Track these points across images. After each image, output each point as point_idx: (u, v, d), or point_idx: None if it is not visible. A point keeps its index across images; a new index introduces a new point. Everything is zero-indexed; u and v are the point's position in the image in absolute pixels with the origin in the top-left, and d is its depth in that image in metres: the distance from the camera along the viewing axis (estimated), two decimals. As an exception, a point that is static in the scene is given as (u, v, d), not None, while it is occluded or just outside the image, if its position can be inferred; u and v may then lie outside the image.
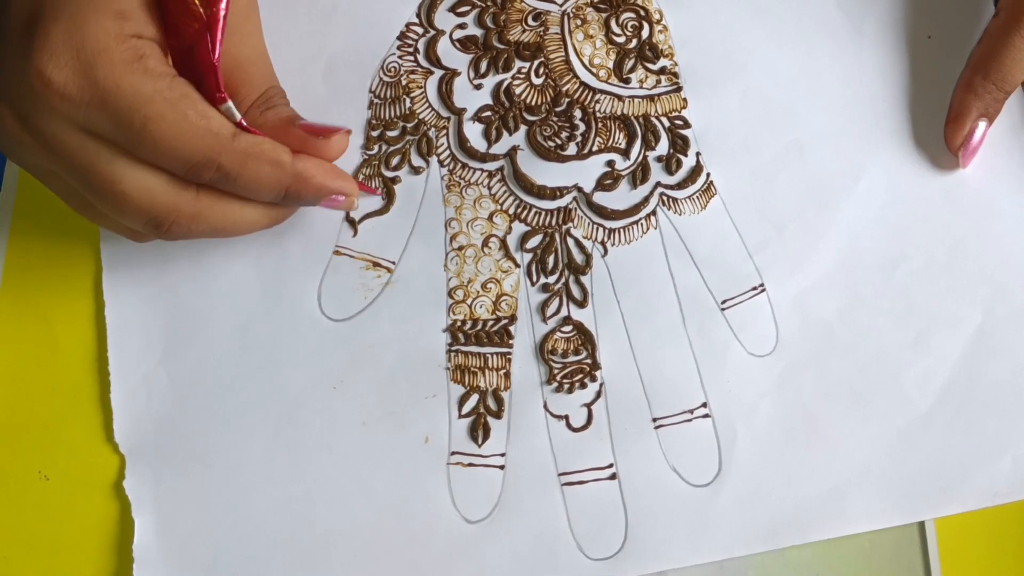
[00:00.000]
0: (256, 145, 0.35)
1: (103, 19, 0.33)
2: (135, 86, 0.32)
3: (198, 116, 0.33)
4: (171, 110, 0.33)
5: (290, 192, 0.36)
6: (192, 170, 0.34)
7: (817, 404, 0.40)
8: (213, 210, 0.36)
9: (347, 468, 0.39)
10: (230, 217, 0.36)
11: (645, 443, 0.39)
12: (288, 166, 0.36)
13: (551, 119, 0.42)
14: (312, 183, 0.37)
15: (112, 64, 0.32)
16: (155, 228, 0.35)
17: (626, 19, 0.43)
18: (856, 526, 0.39)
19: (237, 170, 0.34)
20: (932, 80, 0.43)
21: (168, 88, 0.33)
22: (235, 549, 0.38)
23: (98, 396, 0.40)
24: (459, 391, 0.40)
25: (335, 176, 0.37)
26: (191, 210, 0.35)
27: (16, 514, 0.39)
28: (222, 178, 0.34)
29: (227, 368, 0.40)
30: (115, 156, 0.33)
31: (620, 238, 0.41)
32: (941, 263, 0.42)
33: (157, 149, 0.33)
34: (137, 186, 0.34)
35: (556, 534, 0.39)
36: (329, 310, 0.40)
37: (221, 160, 0.34)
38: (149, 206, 0.34)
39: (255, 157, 0.35)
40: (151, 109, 0.33)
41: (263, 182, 0.35)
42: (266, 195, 0.36)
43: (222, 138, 0.34)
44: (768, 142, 0.42)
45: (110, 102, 0.32)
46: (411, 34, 0.43)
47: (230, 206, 0.36)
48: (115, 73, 0.32)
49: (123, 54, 0.33)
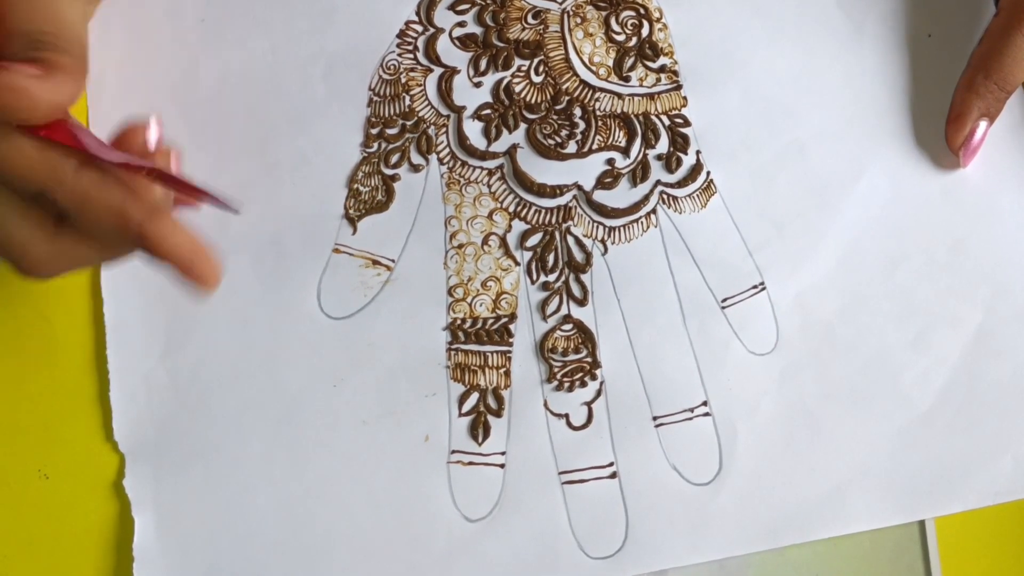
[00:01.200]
0: (97, 186, 0.32)
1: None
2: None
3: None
4: None
5: (138, 246, 0.32)
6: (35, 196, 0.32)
7: (817, 403, 0.40)
8: (72, 249, 0.33)
9: (347, 466, 0.39)
10: (85, 253, 0.33)
11: (645, 442, 0.39)
12: (135, 223, 0.32)
13: (551, 117, 0.42)
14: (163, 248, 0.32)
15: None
16: (16, 264, 0.33)
17: (626, 17, 0.43)
18: (856, 525, 0.39)
19: (78, 209, 0.32)
20: (933, 79, 0.43)
21: None
22: (235, 547, 0.38)
23: (98, 395, 0.40)
24: (459, 389, 0.40)
25: (190, 243, 0.33)
26: (47, 248, 0.33)
27: (16, 513, 0.39)
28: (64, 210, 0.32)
29: (227, 366, 0.40)
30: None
31: (620, 236, 0.41)
32: (942, 262, 0.42)
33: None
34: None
35: (556, 533, 0.39)
36: (329, 308, 0.40)
37: (60, 197, 0.31)
38: (3, 240, 0.32)
39: (93, 199, 0.32)
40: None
41: (103, 225, 0.32)
42: (108, 240, 0.33)
43: (58, 172, 0.31)
44: (768, 141, 0.42)
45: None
46: (411, 32, 0.43)
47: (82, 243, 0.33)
48: None
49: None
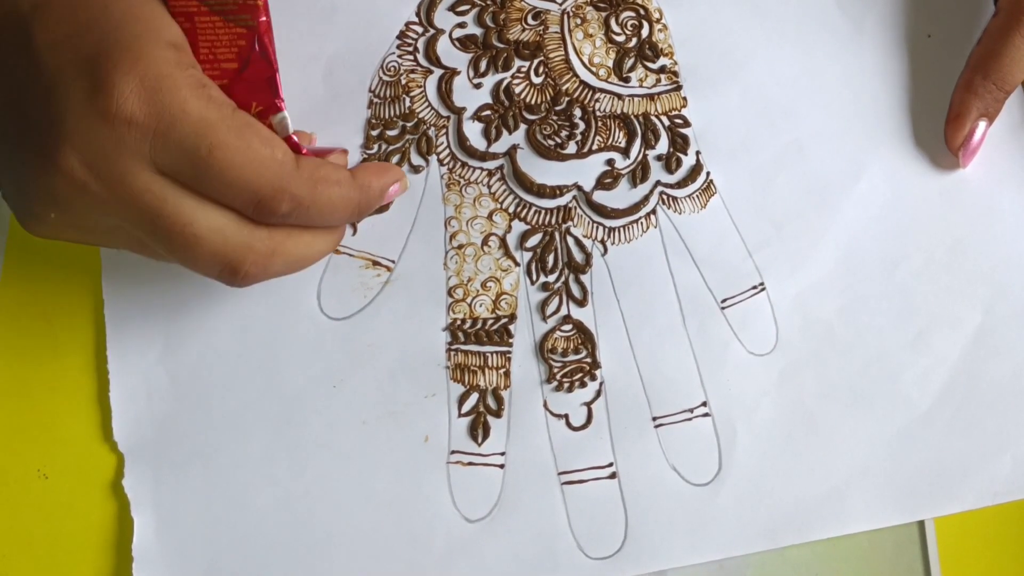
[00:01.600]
0: (319, 168, 0.34)
1: (159, 48, 0.32)
2: (201, 111, 0.32)
3: (263, 144, 0.32)
4: (236, 138, 0.32)
5: (360, 207, 0.36)
6: (262, 203, 0.33)
7: (817, 403, 0.40)
8: (286, 245, 0.35)
9: (347, 467, 0.39)
10: (303, 249, 0.35)
11: (645, 442, 0.39)
12: (351, 182, 0.35)
13: (551, 118, 0.42)
14: (375, 190, 0.36)
15: (177, 89, 0.32)
16: (231, 274, 0.34)
17: (626, 18, 0.43)
18: (856, 525, 0.39)
19: (311, 197, 0.33)
20: (932, 79, 0.43)
21: (232, 116, 0.32)
22: (235, 548, 0.38)
23: (97, 395, 0.40)
24: (459, 390, 0.40)
25: (384, 172, 0.37)
26: (265, 248, 0.34)
27: (15, 513, 0.39)
28: (297, 208, 0.33)
29: (227, 367, 0.40)
30: (184, 196, 0.32)
31: (620, 237, 0.41)
32: (941, 263, 0.42)
33: (224, 180, 0.32)
34: (209, 226, 0.33)
35: (556, 533, 0.39)
36: (329, 309, 0.40)
37: (292, 189, 0.33)
38: (223, 248, 0.33)
39: (323, 181, 0.34)
40: (216, 136, 0.32)
41: (336, 205, 0.35)
42: (340, 217, 0.36)
43: (288, 166, 0.33)
44: (768, 141, 0.42)
45: (177, 127, 0.31)
46: (411, 33, 0.43)
47: (302, 238, 0.35)
48: (180, 97, 0.31)
49: (186, 80, 0.32)
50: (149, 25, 0.33)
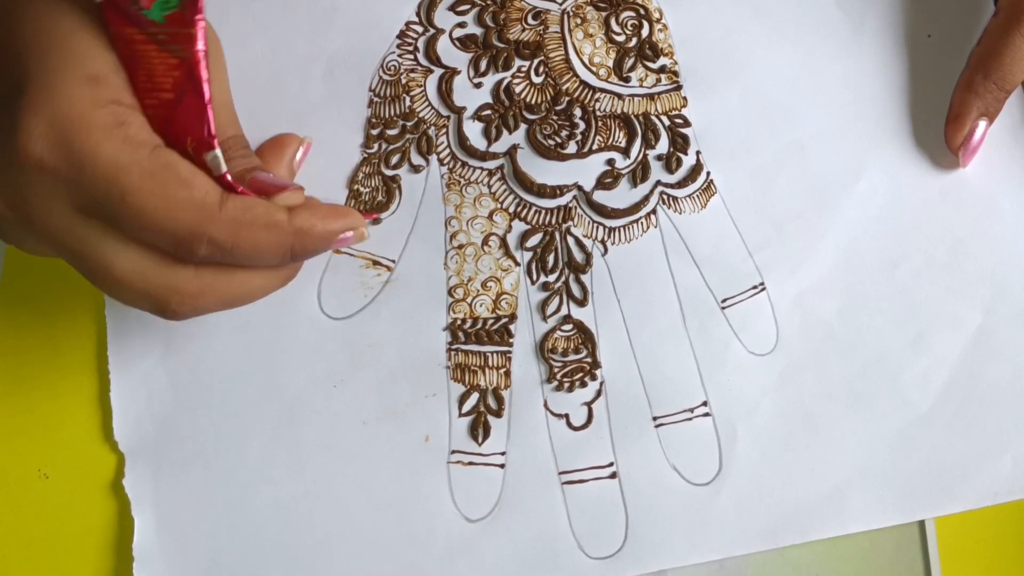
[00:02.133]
0: (247, 210, 0.32)
1: (75, 84, 0.31)
2: (113, 155, 0.30)
3: (179, 187, 0.31)
4: (150, 181, 0.30)
5: (295, 252, 0.34)
6: (182, 246, 0.31)
7: (817, 403, 0.40)
8: (216, 285, 0.33)
9: (347, 467, 0.39)
10: (237, 288, 0.34)
11: (645, 442, 0.39)
12: (286, 225, 0.33)
13: (551, 118, 0.42)
14: (315, 236, 0.34)
15: (89, 131, 0.30)
16: (160, 311, 0.33)
17: (626, 18, 0.43)
18: (856, 525, 0.39)
19: (232, 241, 0.32)
20: (932, 79, 0.43)
21: (147, 158, 0.31)
22: (235, 547, 0.38)
23: (98, 395, 0.40)
24: (459, 390, 0.40)
25: (336, 216, 0.35)
26: (192, 288, 0.33)
27: (16, 513, 0.39)
28: (217, 252, 0.32)
29: (227, 367, 0.40)
30: (105, 237, 0.31)
31: (620, 237, 0.41)
32: (941, 263, 0.42)
33: (139, 224, 0.31)
34: (131, 268, 0.32)
35: (556, 533, 0.39)
36: (329, 309, 0.40)
37: (211, 233, 0.31)
38: (145, 288, 0.32)
39: (248, 224, 0.32)
40: (129, 180, 0.30)
41: (263, 248, 0.33)
42: (269, 261, 0.34)
43: (208, 208, 0.31)
44: (768, 141, 0.42)
45: (87, 173, 0.30)
46: (411, 33, 0.43)
47: (235, 278, 0.33)
48: (92, 140, 0.30)
49: (101, 120, 0.31)
50: (70, 57, 0.31)
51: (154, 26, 0.32)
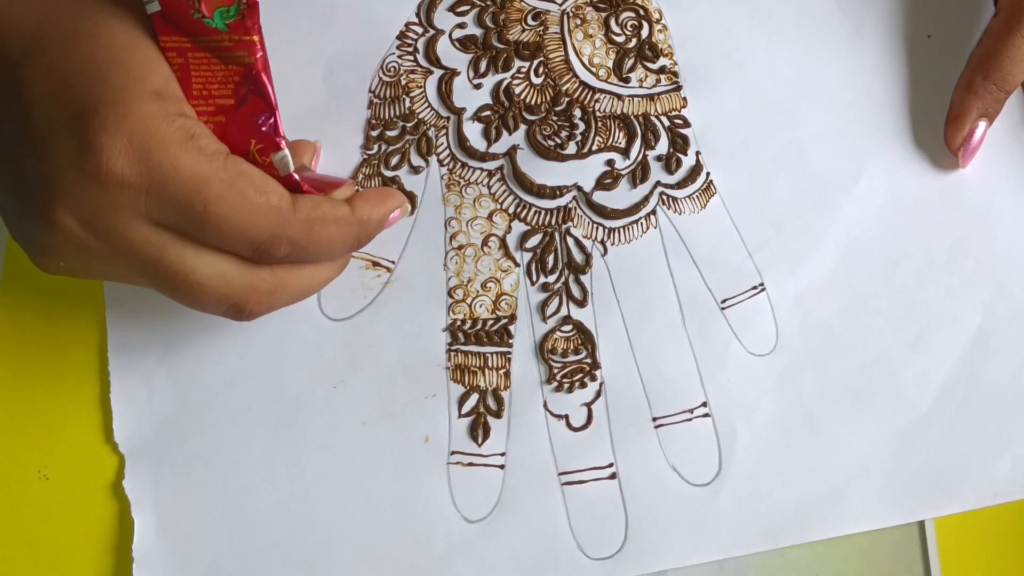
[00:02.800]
0: (316, 208, 0.34)
1: (144, 101, 0.32)
2: (192, 167, 0.31)
3: (257, 193, 0.32)
4: (229, 190, 0.32)
5: (360, 240, 0.36)
6: (260, 249, 0.33)
7: (817, 403, 0.40)
8: (289, 281, 0.35)
9: (347, 468, 0.39)
10: (306, 282, 0.36)
11: (645, 442, 0.39)
12: (351, 218, 0.35)
13: (551, 118, 0.42)
14: (375, 221, 0.36)
15: (166, 146, 0.31)
16: (236, 313, 0.34)
17: (625, 18, 0.43)
18: (856, 525, 0.39)
19: (308, 239, 0.33)
20: (932, 80, 0.43)
21: (223, 167, 0.32)
22: (235, 549, 0.38)
23: (98, 396, 0.40)
24: (459, 390, 0.40)
25: (385, 200, 0.37)
26: (268, 287, 0.34)
27: (16, 514, 0.39)
28: (295, 251, 0.33)
29: (227, 368, 0.40)
30: (184, 246, 0.32)
31: (620, 237, 0.41)
32: (941, 263, 0.42)
33: (221, 232, 0.32)
34: (211, 273, 0.33)
35: (556, 533, 0.39)
36: (329, 310, 0.40)
37: (289, 233, 0.33)
38: (227, 292, 0.33)
39: (320, 221, 0.34)
40: (210, 191, 0.31)
41: (335, 243, 0.35)
42: (340, 252, 0.36)
43: (284, 211, 0.33)
44: (768, 141, 0.42)
45: (169, 186, 0.31)
46: (410, 34, 0.43)
47: (304, 272, 0.35)
48: (170, 154, 0.31)
49: (174, 135, 0.32)
50: (133, 75, 0.32)
51: (217, 34, 0.33)
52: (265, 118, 0.34)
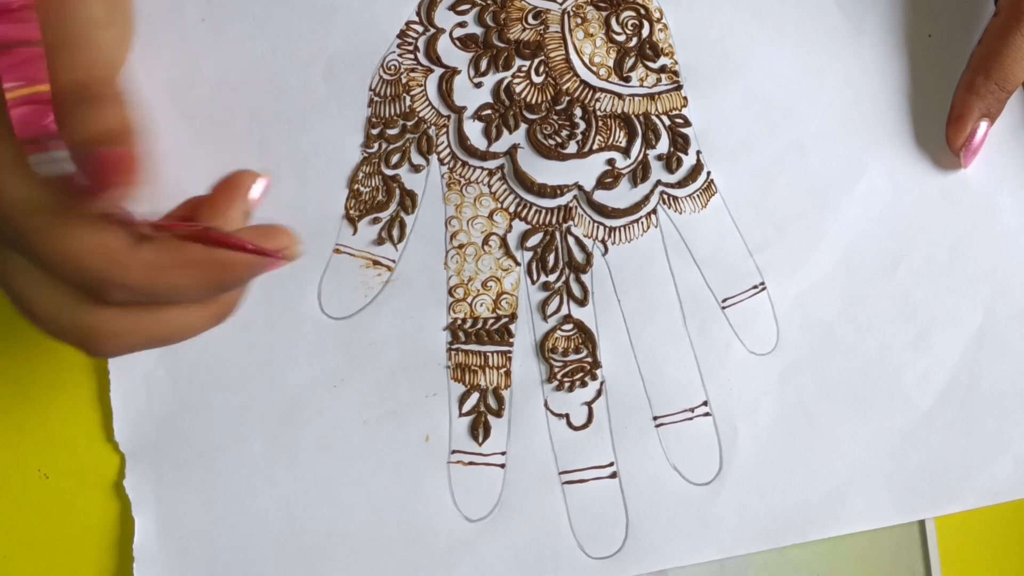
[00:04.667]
0: (164, 252, 0.29)
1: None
2: (21, 194, 0.28)
3: (88, 231, 0.28)
4: (59, 224, 0.28)
5: (226, 283, 0.31)
6: (94, 291, 0.29)
7: (818, 403, 0.40)
8: (143, 324, 0.31)
9: (347, 467, 0.39)
10: (166, 326, 0.31)
11: (646, 442, 0.39)
12: (208, 261, 0.30)
13: (551, 117, 0.42)
14: (241, 263, 0.30)
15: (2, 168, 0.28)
16: (81, 349, 0.31)
17: (626, 17, 0.43)
18: (857, 525, 0.39)
19: (149, 284, 0.29)
20: (933, 79, 0.43)
21: (55, 196, 0.28)
22: (236, 547, 0.38)
23: (98, 395, 0.40)
24: (459, 389, 0.40)
25: (263, 237, 0.31)
26: (116, 328, 0.30)
27: (16, 513, 0.39)
28: (136, 295, 0.29)
29: (227, 367, 0.40)
30: (26, 269, 0.29)
31: (620, 236, 0.41)
32: (942, 263, 0.42)
33: (50, 265, 0.29)
34: (51, 305, 0.30)
35: (557, 533, 0.39)
36: (329, 308, 0.40)
37: (123, 279, 0.29)
38: (67, 327, 0.30)
39: (163, 267, 0.29)
40: (37, 222, 0.28)
41: (187, 286, 0.30)
42: (196, 296, 0.31)
43: (118, 254, 0.29)
44: (769, 141, 0.42)
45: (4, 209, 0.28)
46: (411, 32, 0.43)
47: (163, 316, 0.31)
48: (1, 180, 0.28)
49: (6, 155, 0.28)
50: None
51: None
52: None
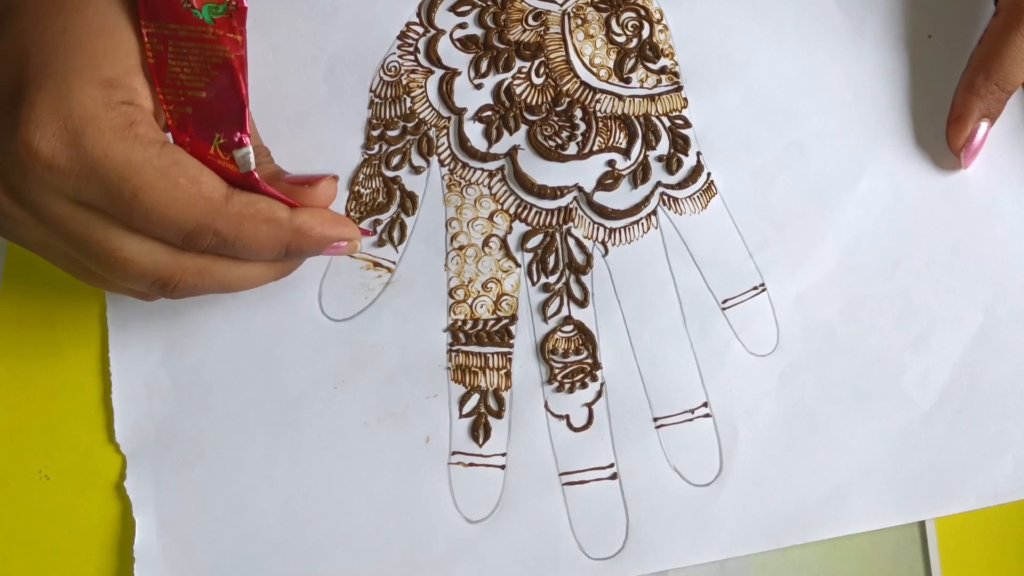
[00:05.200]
0: (250, 205, 0.34)
1: (91, 87, 0.32)
2: (124, 155, 0.31)
3: (188, 183, 0.32)
4: (161, 178, 0.32)
5: (291, 249, 0.35)
6: (188, 238, 0.33)
7: (818, 404, 0.40)
8: (215, 269, 0.35)
9: (348, 468, 0.39)
10: (235, 273, 0.35)
11: (646, 443, 0.39)
12: (286, 223, 0.35)
13: (551, 119, 0.42)
14: (312, 236, 0.35)
15: (100, 132, 0.31)
16: (161, 288, 0.34)
17: (626, 19, 0.43)
18: (857, 526, 0.39)
19: (234, 234, 0.33)
20: (933, 80, 0.43)
21: (157, 156, 0.32)
22: (236, 549, 0.38)
23: (99, 396, 0.40)
24: (460, 391, 0.40)
25: (334, 224, 0.36)
26: (196, 267, 0.34)
27: (17, 514, 0.39)
28: (220, 243, 0.33)
29: (228, 368, 0.40)
30: (110, 225, 0.32)
31: (621, 238, 0.41)
32: (942, 263, 0.42)
33: (149, 219, 0.32)
34: (138, 250, 0.33)
35: (557, 534, 0.39)
36: (330, 310, 0.40)
37: (216, 226, 0.33)
38: (153, 268, 0.33)
39: (251, 218, 0.34)
40: (141, 179, 0.31)
41: (262, 243, 0.34)
42: (266, 255, 0.35)
43: (215, 202, 0.33)
44: (769, 142, 0.42)
45: (99, 172, 0.31)
46: (411, 33, 0.43)
47: (232, 266, 0.35)
48: (103, 141, 0.31)
49: (112, 121, 0.32)
50: (93, 59, 0.32)
51: (202, 25, 0.33)
52: (234, 114, 0.34)
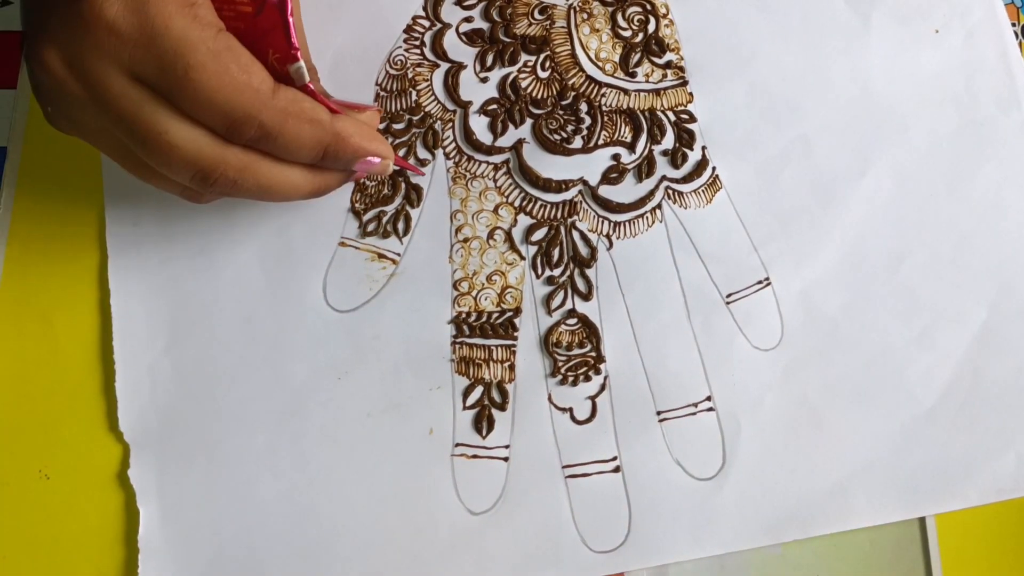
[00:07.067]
0: (296, 103, 0.34)
1: None
2: (183, 30, 0.32)
3: (239, 70, 0.33)
4: (213, 60, 0.32)
5: (329, 151, 0.36)
6: (232, 126, 0.33)
7: (821, 398, 0.40)
8: (257, 167, 0.35)
9: (351, 459, 0.39)
10: (275, 176, 0.36)
11: (649, 436, 0.39)
12: (327, 124, 0.35)
13: (557, 112, 0.42)
14: (350, 142, 0.36)
15: (163, 5, 0.32)
16: (202, 180, 0.34)
17: (632, 13, 0.44)
18: (859, 521, 0.39)
19: (277, 128, 0.34)
20: (939, 75, 0.43)
21: (213, 38, 0.32)
22: (239, 539, 0.38)
23: (99, 394, 0.40)
24: (463, 383, 0.40)
25: (372, 138, 0.37)
26: (238, 163, 0.34)
27: (17, 513, 0.39)
28: (263, 136, 0.34)
29: (232, 358, 0.40)
30: (159, 106, 0.33)
31: (625, 231, 0.41)
32: (946, 259, 0.42)
33: (197, 100, 0.32)
34: (184, 136, 0.33)
35: (560, 526, 0.39)
36: (334, 301, 0.41)
37: (262, 117, 0.33)
38: (196, 157, 0.34)
39: (295, 115, 0.34)
40: (195, 57, 0.32)
41: (303, 141, 0.35)
42: (306, 154, 0.35)
43: (262, 94, 0.33)
44: (774, 136, 0.42)
45: (157, 42, 0.32)
46: (417, 27, 0.43)
47: (273, 166, 0.35)
48: (165, 13, 0.32)
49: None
50: None
51: None
52: (281, 29, 0.34)
